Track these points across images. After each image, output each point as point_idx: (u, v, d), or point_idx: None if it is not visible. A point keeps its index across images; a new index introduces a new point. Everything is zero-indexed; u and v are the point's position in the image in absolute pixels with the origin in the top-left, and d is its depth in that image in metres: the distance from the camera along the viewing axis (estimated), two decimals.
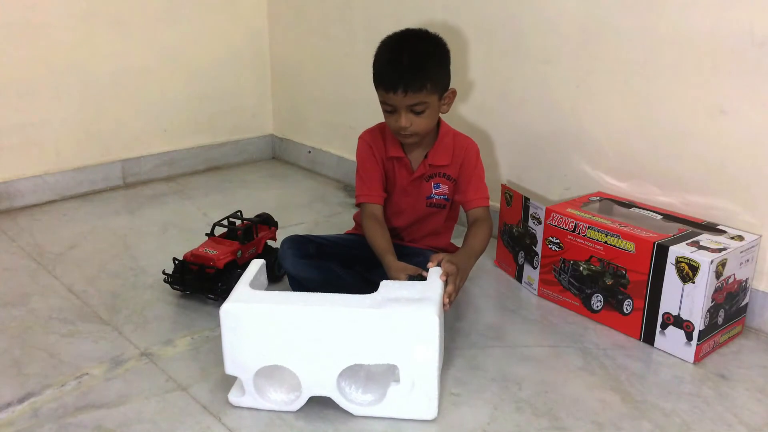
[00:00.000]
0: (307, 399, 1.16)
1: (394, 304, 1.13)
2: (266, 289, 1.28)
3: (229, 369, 1.17)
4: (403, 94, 1.36)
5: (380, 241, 1.44)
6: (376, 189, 1.51)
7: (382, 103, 1.42)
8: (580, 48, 1.63)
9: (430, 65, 1.39)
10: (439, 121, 1.50)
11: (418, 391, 1.13)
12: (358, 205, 1.54)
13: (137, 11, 2.24)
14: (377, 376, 1.19)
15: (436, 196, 1.52)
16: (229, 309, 1.14)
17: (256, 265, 1.28)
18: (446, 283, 1.24)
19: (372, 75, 1.42)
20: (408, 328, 1.11)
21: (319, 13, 2.35)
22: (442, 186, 1.51)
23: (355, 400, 1.17)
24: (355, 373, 1.19)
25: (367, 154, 1.52)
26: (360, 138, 1.54)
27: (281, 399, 1.18)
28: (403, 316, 1.11)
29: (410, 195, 1.53)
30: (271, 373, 1.18)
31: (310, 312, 1.13)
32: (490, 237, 1.47)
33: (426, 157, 1.49)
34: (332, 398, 1.16)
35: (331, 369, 1.14)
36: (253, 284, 1.22)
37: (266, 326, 1.14)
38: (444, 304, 1.19)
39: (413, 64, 1.37)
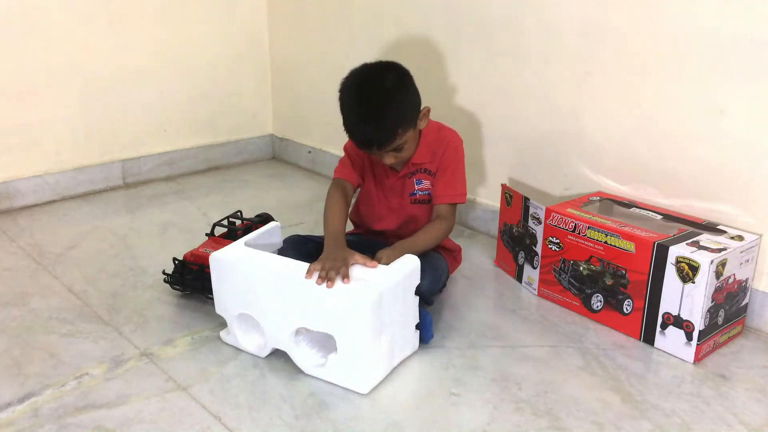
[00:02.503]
0: (271, 349, 1.30)
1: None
2: (276, 252, 1.42)
3: (218, 309, 1.36)
4: (378, 150, 1.39)
5: (336, 221, 1.41)
6: (355, 175, 1.53)
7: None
8: (580, 48, 1.63)
9: (396, 111, 1.36)
10: None
11: (351, 364, 1.21)
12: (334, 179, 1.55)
13: (137, 11, 2.24)
14: (329, 342, 1.26)
15: (419, 192, 1.53)
16: (215, 257, 1.32)
17: (266, 227, 1.44)
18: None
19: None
20: (345, 304, 1.19)
21: (319, 14, 2.35)
22: (424, 182, 1.52)
23: (308, 360, 1.26)
24: (317, 336, 1.28)
25: (355, 149, 1.52)
26: None
27: (255, 344, 1.33)
28: (342, 293, 1.19)
29: (396, 194, 1.54)
30: (255, 322, 1.30)
31: (270, 272, 1.26)
32: (443, 236, 1.48)
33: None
34: (287, 353, 1.27)
35: (287, 327, 1.25)
36: (256, 242, 1.37)
37: (240, 278, 1.30)
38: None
39: (379, 121, 1.35)
